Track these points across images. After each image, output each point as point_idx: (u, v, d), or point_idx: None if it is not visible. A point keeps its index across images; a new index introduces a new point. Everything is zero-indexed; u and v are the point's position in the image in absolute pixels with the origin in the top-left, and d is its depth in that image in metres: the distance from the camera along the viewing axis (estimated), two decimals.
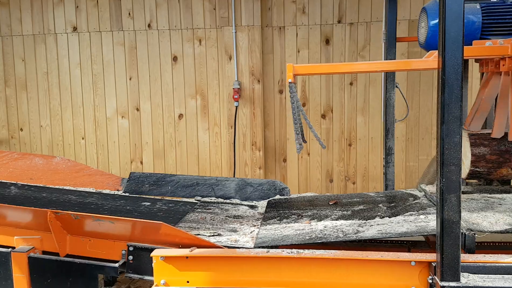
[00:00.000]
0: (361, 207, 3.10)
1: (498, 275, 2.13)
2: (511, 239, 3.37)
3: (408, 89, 5.29)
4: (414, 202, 3.04)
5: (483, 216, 2.56)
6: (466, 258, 2.20)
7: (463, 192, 3.09)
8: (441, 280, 2.10)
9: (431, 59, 2.52)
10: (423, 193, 3.24)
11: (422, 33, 3.08)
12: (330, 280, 2.34)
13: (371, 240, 3.23)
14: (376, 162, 5.44)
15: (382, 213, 2.88)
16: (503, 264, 2.15)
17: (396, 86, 3.67)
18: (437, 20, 2.71)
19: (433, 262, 2.20)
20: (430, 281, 2.23)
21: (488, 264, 2.17)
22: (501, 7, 2.91)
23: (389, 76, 3.66)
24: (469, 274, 2.14)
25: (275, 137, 5.48)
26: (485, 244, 3.23)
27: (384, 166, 3.81)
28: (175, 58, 5.48)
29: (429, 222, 2.56)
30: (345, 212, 3.00)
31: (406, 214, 2.78)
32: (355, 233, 2.55)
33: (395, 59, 3.66)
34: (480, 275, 2.15)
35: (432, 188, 3.25)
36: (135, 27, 5.49)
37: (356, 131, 5.44)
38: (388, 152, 3.73)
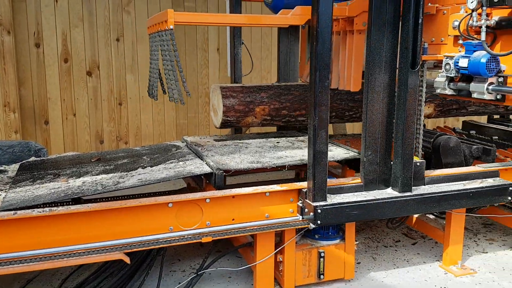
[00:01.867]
0: (125, 160, 3.09)
1: (350, 193, 2.64)
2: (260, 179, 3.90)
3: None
4: (176, 151, 3.18)
5: (231, 158, 2.88)
6: (328, 182, 2.55)
7: (218, 140, 3.40)
8: (313, 201, 2.47)
9: (290, 15, 2.81)
10: (185, 143, 3.43)
11: None
12: (89, 233, 2.28)
13: (138, 195, 3.27)
14: (148, 121, 5.48)
15: (145, 164, 2.93)
16: (352, 184, 2.68)
17: (242, 43, 3.78)
18: None
19: (303, 188, 2.57)
20: (301, 204, 2.57)
21: (342, 185, 2.66)
22: None
23: (236, 33, 3.71)
24: (331, 195, 2.57)
25: (34, 97, 4.91)
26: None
27: None
28: None
29: (186, 167, 2.73)
30: (107, 167, 2.93)
31: (167, 162, 2.89)
32: (115, 185, 2.53)
33: None
34: (339, 194, 2.61)
35: (193, 139, 3.47)
36: None
37: (126, 89, 5.33)
38: None
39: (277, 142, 3.37)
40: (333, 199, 2.54)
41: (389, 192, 2.67)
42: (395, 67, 2.55)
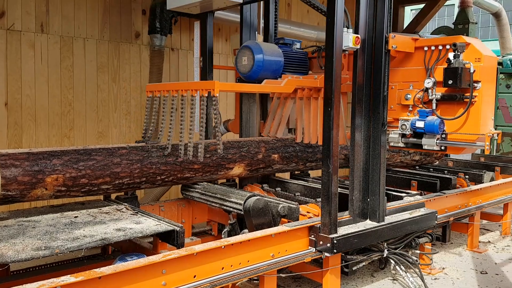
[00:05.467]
0: None
1: (346, 226, 3.27)
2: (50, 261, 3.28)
3: None
4: None
5: (11, 244, 2.30)
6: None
7: None
8: (329, 234, 3.07)
9: (283, 85, 3.74)
10: None
11: (245, 66, 3.91)
12: None
13: None
14: None
15: None
16: (345, 219, 3.31)
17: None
18: (261, 55, 3.85)
19: (316, 224, 3.15)
20: (314, 238, 3.14)
21: (340, 220, 3.24)
22: (291, 52, 4.18)
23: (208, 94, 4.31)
24: (338, 227, 3.16)
25: None
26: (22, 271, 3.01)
27: None
28: None
29: None
30: None
31: None
32: None
33: None
34: (343, 227, 3.24)
35: None
36: None
37: None
38: None
39: (75, 217, 2.89)
40: (341, 230, 3.16)
41: (370, 223, 3.37)
42: (369, 127, 3.33)
